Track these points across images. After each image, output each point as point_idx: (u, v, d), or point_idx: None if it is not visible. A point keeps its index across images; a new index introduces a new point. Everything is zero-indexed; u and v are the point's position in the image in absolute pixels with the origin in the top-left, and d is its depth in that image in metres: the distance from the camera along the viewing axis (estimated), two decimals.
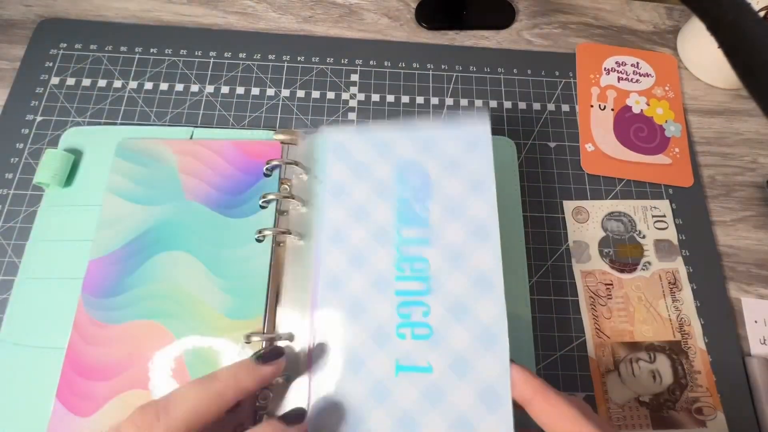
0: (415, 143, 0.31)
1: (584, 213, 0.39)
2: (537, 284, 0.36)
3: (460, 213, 0.29)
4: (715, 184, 0.41)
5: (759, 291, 0.37)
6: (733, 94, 0.45)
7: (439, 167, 0.30)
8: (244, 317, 0.31)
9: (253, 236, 0.32)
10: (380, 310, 0.28)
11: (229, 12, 0.45)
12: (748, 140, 0.43)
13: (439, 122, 0.32)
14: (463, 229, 0.29)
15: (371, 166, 0.31)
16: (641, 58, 0.46)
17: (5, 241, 0.34)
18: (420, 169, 0.30)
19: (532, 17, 0.48)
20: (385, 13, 0.46)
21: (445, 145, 0.31)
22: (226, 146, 0.36)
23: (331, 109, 0.41)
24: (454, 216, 0.29)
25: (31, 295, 0.32)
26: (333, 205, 0.30)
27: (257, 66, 0.42)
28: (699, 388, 0.34)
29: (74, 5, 0.43)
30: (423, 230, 0.29)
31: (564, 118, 0.42)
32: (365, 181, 0.30)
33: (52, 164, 0.34)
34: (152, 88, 0.40)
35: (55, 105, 0.39)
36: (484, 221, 0.29)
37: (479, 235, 0.28)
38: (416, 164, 0.30)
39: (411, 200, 0.30)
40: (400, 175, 0.30)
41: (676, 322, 0.35)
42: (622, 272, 0.37)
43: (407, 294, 0.28)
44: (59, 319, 0.31)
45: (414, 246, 0.29)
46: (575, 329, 0.35)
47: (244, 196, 0.34)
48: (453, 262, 0.28)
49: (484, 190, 0.29)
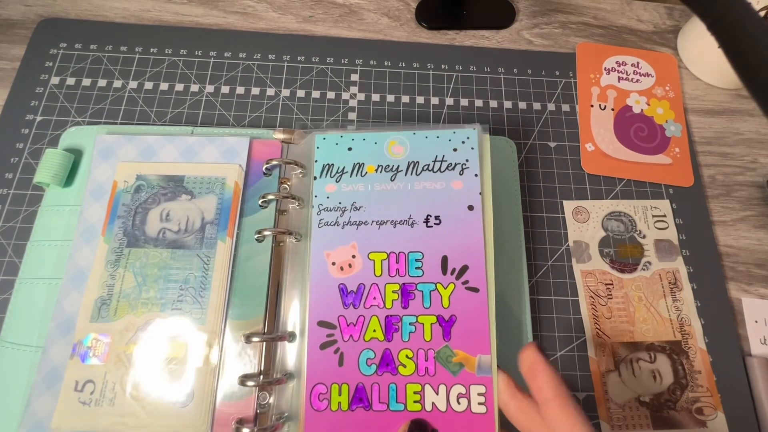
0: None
1: (584, 213, 0.39)
2: (537, 284, 0.36)
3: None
4: (715, 183, 0.41)
5: (759, 291, 0.37)
6: (734, 94, 0.45)
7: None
8: (245, 317, 0.31)
9: (253, 236, 0.32)
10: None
11: (229, 12, 0.45)
12: (748, 140, 0.43)
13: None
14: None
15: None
16: (641, 57, 0.46)
17: (5, 241, 0.34)
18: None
19: (532, 17, 0.48)
20: (385, 13, 0.46)
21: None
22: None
23: (331, 108, 0.41)
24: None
25: (31, 295, 0.32)
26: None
27: (257, 66, 0.42)
28: (699, 388, 0.33)
29: (74, 5, 0.43)
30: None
31: (564, 118, 0.42)
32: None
33: (52, 164, 0.34)
34: (152, 88, 0.40)
35: (55, 105, 0.39)
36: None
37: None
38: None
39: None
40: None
41: (676, 322, 0.35)
42: (622, 272, 0.37)
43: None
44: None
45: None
46: (575, 329, 0.35)
47: (245, 195, 0.34)
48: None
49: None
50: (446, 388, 0.27)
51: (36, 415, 0.28)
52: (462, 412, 0.27)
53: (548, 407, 0.24)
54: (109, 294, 0.31)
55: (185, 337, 0.30)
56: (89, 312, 0.30)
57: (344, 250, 0.30)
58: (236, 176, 0.34)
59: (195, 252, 0.32)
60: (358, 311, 0.29)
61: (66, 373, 0.29)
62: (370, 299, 0.29)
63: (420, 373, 0.27)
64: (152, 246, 0.32)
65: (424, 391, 0.27)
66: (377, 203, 0.31)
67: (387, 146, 0.32)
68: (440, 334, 0.28)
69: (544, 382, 0.24)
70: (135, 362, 0.30)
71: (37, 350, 0.30)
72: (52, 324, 0.30)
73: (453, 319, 0.28)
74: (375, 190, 0.31)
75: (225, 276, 0.32)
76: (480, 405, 0.27)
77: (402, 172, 0.32)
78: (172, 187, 0.34)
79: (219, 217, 0.33)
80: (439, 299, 0.29)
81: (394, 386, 0.27)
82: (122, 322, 0.30)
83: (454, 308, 0.28)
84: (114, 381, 0.29)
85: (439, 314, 0.28)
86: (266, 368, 0.29)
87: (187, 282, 0.31)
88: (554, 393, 0.24)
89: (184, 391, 0.29)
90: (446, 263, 0.29)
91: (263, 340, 0.29)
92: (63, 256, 0.32)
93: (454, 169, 0.31)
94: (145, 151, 0.35)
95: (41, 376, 0.29)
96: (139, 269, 0.32)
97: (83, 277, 0.31)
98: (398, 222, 0.30)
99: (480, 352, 0.27)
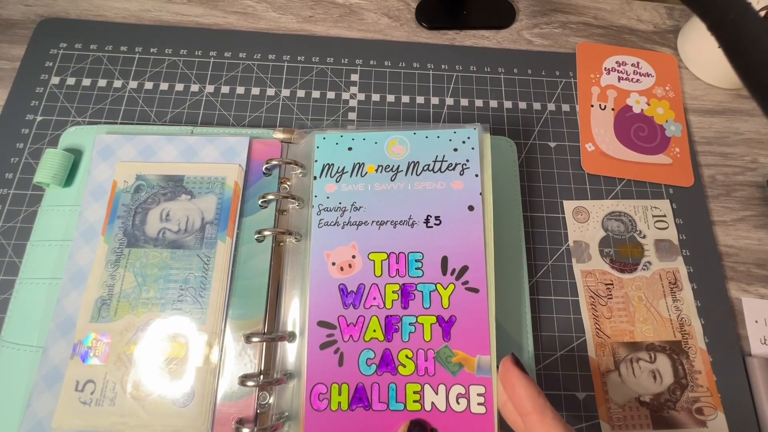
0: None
1: (584, 213, 0.39)
2: (537, 284, 0.36)
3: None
4: (715, 183, 0.41)
5: (759, 291, 0.37)
6: (734, 94, 0.45)
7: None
8: (245, 317, 0.31)
9: (253, 236, 0.32)
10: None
11: (229, 12, 0.45)
12: (748, 140, 0.43)
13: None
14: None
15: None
16: (641, 57, 0.46)
17: (5, 241, 0.34)
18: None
19: (532, 17, 0.47)
20: (385, 13, 0.46)
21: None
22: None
23: (331, 108, 0.41)
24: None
25: (31, 295, 0.32)
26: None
27: (257, 66, 0.42)
28: (699, 388, 0.33)
29: (74, 5, 0.43)
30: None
31: (564, 118, 0.42)
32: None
33: (52, 164, 0.34)
34: (152, 87, 0.40)
35: (55, 105, 0.39)
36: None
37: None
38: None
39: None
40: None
41: (676, 321, 0.35)
42: (622, 272, 0.37)
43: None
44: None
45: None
46: (575, 329, 0.35)
47: (245, 195, 0.34)
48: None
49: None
50: (446, 388, 0.27)
51: (36, 415, 0.28)
52: (461, 413, 0.27)
53: (528, 421, 0.24)
54: (109, 294, 0.31)
55: (185, 336, 0.30)
56: (89, 312, 0.30)
57: (344, 250, 0.30)
58: (236, 176, 0.34)
59: (195, 252, 0.32)
60: (358, 311, 0.29)
61: (66, 373, 0.29)
62: (370, 299, 0.29)
63: (420, 373, 0.28)
64: (152, 246, 0.32)
65: (424, 391, 0.27)
66: (377, 203, 0.31)
67: (387, 146, 0.32)
68: (440, 335, 0.28)
69: (522, 395, 0.24)
70: (135, 362, 0.30)
71: (37, 350, 0.30)
72: (52, 324, 0.30)
73: (453, 320, 0.28)
74: (375, 190, 0.31)
75: (225, 276, 0.32)
76: (479, 405, 0.27)
77: (402, 172, 0.32)
78: (171, 187, 0.34)
79: (219, 217, 0.33)
80: (439, 300, 0.29)
81: (393, 386, 0.27)
82: (122, 322, 0.30)
83: (454, 309, 0.29)
84: (114, 381, 0.29)
85: (438, 315, 0.28)
86: (266, 368, 0.29)
87: (187, 282, 0.31)
88: (532, 406, 0.24)
89: (185, 391, 0.29)
90: (446, 263, 0.29)
91: (263, 340, 0.29)
92: (63, 256, 0.32)
93: (454, 169, 0.31)
94: (145, 151, 0.35)
95: (41, 376, 0.29)
96: (140, 269, 0.32)
97: (83, 277, 0.31)
98: (398, 222, 0.30)
99: (479, 353, 0.28)
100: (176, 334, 0.30)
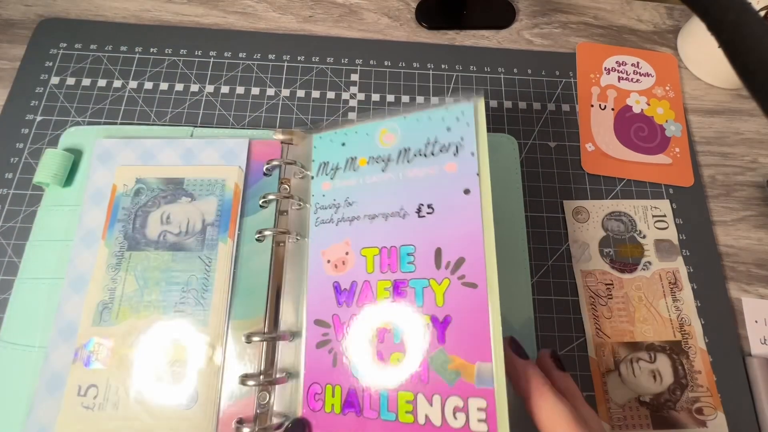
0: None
1: (584, 213, 0.39)
2: (537, 284, 0.36)
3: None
4: (715, 183, 0.41)
5: (759, 291, 0.37)
6: (734, 94, 0.45)
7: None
8: (245, 317, 0.31)
9: (254, 236, 0.32)
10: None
11: (229, 12, 0.45)
12: (748, 140, 0.43)
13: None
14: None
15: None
16: (641, 57, 0.46)
17: (5, 241, 0.34)
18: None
19: (532, 17, 0.47)
20: (385, 13, 0.46)
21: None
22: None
23: (331, 108, 0.41)
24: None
25: (30, 295, 0.32)
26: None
27: (257, 66, 0.42)
28: (699, 388, 0.34)
29: (74, 5, 0.43)
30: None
31: (564, 118, 0.42)
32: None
33: (52, 164, 0.34)
34: (152, 87, 0.40)
35: (55, 105, 0.39)
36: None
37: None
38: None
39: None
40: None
41: (676, 322, 0.35)
42: (622, 272, 0.37)
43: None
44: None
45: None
46: (575, 329, 0.35)
47: (246, 195, 0.34)
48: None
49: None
50: (441, 399, 0.24)
51: (39, 421, 0.28)
52: (459, 429, 0.23)
53: (528, 405, 0.24)
54: (110, 298, 0.31)
55: (188, 338, 0.30)
56: (91, 316, 0.30)
57: (338, 248, 0.29)
58: (236, 178, 0.34)
59: (196, 254, 0.32)
60: (350, 309, 0.27)
61: (69, 378, 0.29)
62: (362, 297, 0.27)
63: (412, 380, 0.25)
64: (153, 249, 0.32)
65: (417, 401, 0.24)
66: (369, 196, 0.29)
67: (378, 136, 0.31)
68: (434, 337, 0.25)
69: (522, 379, 0.25)
70: (138, 365, 0.30)
71: (37, 350, 0.30)
72: (54, 329, 0.30)
73: (448, 320, 0.25)
74: (366, 182, 0.30)
75: (227, 277, 0.32)
76: (480, 422, 0.23)
77: (393, 162, 0.29)
78: (172, 189, 0.34)
79: (219, 218, 0.33)
80: (433, 297, 0.26)
81: (385, 393, 0.25)
82: (125, 326, 0.30)
83: (449, 307, 0.25)
84: (117, 385, 0.29)
85: (432, 314, 0.25)
86: (267, 368, 0.29)
87: (189, 284, 0.31)
88: (532, 389, 0.24)
89: (188, 393, 0.29)
90: (440, 256, 0.26)
91: (264, 339, 0.29)
92: (63, 255, 0.32)
93: (447, 150, 0.28)
94: (144, 155, 0.35)
95: (44, 381, 0.29)
96: (141, 272, 0.32)
97: (84, 281, 0.31)
98: (389, 214, 0.28)
99: (479, 359, 0.24)
100: (179, 336, 0.30)
